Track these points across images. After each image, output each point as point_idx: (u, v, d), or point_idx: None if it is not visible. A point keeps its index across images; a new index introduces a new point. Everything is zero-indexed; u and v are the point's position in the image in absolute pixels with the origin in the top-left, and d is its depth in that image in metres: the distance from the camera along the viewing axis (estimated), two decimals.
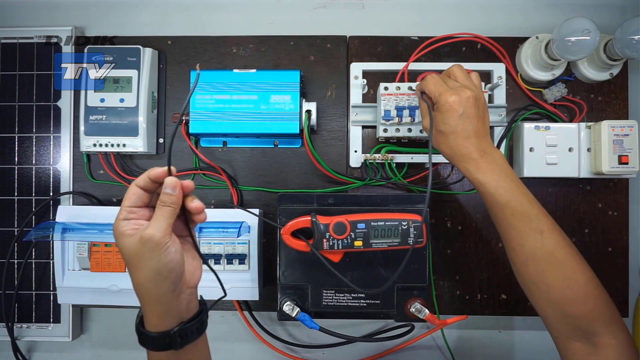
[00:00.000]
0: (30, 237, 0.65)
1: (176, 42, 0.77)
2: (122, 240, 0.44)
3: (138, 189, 0.45)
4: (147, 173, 0.45)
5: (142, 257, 0.43)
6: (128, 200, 0.45)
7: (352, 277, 0.63)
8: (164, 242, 0.43)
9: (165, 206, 0.44)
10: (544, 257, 0.52)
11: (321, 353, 0.78)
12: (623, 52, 0.66)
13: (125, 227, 0.44)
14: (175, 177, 0.46)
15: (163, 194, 0.45)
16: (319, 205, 0.63)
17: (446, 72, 0.60)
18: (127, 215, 0.45)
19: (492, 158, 0.54)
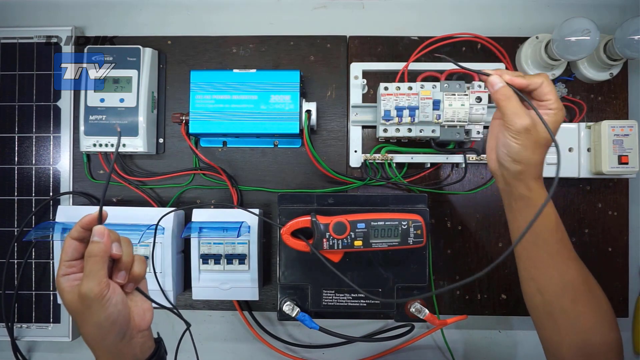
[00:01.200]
0: (30, 237, 0.65)
1: (176, 42, 0.77)
2: (63, 296, 0.44)
3: (73, 242, 0.45)
4: (79, 223, 0.45)
5: (83, 313, 0.43)
6: (65, 254, 0.45)
7: (352, 277, 0.63)
8: (101, 296, 0.42)
9: (91, 257, 0.43)
10: (580, 285, 0.51)
11: (321, 353, 0.78)
12: (623, 52, 0.66)
13: (65, 284, 0.44)
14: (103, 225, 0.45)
15: (90, 244, 0.44)
16: (319, 205, 0.63)
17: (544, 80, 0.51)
18: (65, 270, 0.44)
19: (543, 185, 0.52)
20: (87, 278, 0.43)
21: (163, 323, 0.71)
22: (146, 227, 0.66)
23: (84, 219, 0.45)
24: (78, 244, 0.45)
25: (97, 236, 0.44)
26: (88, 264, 0.43)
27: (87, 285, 0.42)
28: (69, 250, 0.45)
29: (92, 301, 0.42)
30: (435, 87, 0.68)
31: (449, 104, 0.67)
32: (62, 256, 0.45)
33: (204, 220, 0.69)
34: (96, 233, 0.44)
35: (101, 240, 0.44)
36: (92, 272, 0.43)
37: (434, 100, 0.67)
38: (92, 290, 0.42)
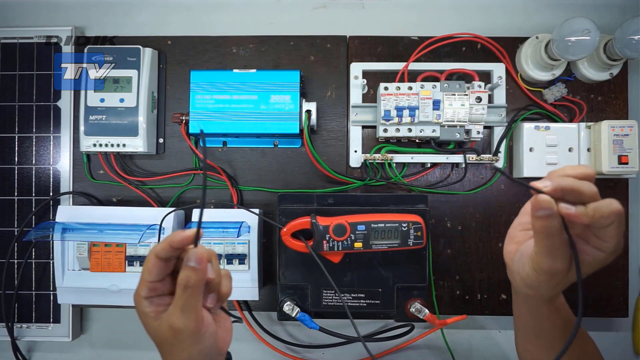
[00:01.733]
0: (30, 237, 0.65)
1: (176, 42, 0.77)
2: (147, 321, 0.39)
3: (159, 261, 0.39)
4: (169, 240, 0.38)
5: (172, 345, 0.39)
6: (149, 275, 0.39)
7: (352, 277, 0.63)
8: (198, 331, 0.38)
9: (189, 288, 0.37)
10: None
11: (321, 353, 0.78)
12: (623, 52, 0.66)
13: (148, 309, 0.39)
14: (202, 247, 0.38)
15: (186, 269, 0.37)
16: (319, 205, 0.63)
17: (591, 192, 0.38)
18: (148, 293, 0.39)
19: None
20: (183, 312, 0.37)
21: None
22: (146, 227, 0.66)
23: (175, 237, 0.38)
24: (164, 264, 0.39)
25: (195, 262, 0.37)
26: (185, 295, 0.37)
27: (182, 321, 0.37)
28: (153, 271, 0.39)
29: (186, 337, 0.38)
30: (435, 87, 0.68)
31: (449, 104, 0.67)
32: (145, 276, 0.39)
33: (204, 220, 0.69)
34: (194, 258, 0.37)
35: (199, 267, 0.37)
36: (189, 305, 0.37)
37: (434, 100, 0.67)
38: (189, 327, 0.37)
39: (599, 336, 0.77)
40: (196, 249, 0.38)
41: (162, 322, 0.38)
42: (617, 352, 0.77)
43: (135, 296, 0.40)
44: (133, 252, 0.69)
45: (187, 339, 0.38)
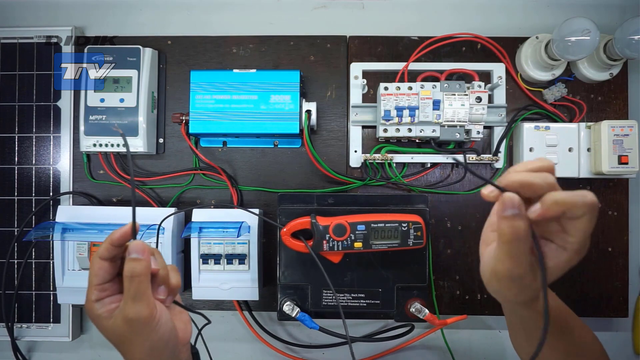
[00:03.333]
0: (30, 237, 0.65)
1: (176, 42, 0.77)
2: (101, 323, 0.40)
3: (104, 263, 0.40)
4: (109, 240, 0.40)
5: (132, 339, 0.39)
6: (96, 278, 0.40)
7: (352, 277, 0.63)
8: (152, 318, 0.39)
9: (135, 277, 0.38)
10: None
11: (321, 353, 0.78)
12: (623, 52, 0.66)
13: (100, 310, 0.40)
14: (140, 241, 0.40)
15: (129, 261, 0.39)
16: (319, 205, 0.63)
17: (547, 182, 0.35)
18: (98, 295, 0.40)
19: None
20: (134, 301, 0.38)
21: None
22: (146, 227, 0.66)
23: (114, 235, 0.40)
24: (109, 265, 0.40)
25: (138, 253, 0.39)
26: (133, 285, 0.38)
27: (135, 309, 0.38)
28: (100, 273, 0.40)
29: (142, 325, 0.38)
30: (435, 87, 0.68)
31: (449, 104, 0.67)
32: (92, 280, 0.40)
33: (204, 220, 0.69)
34: (135, 250, 0.39)
35: (142, 257, 0.39)
36: (139, 293, 0.38)
37: (434, 100, 0.67)
38: (142, 314, 0.38)
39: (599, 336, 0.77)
40: (135, 242, 0.40)
41: (116, 318, 0.39)
42: (617, 352, 0.77)
43: (87, 303, 0.40)
44: None
45: (143, 327, 0.39)
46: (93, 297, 0.40)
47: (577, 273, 0.74)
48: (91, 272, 0.40)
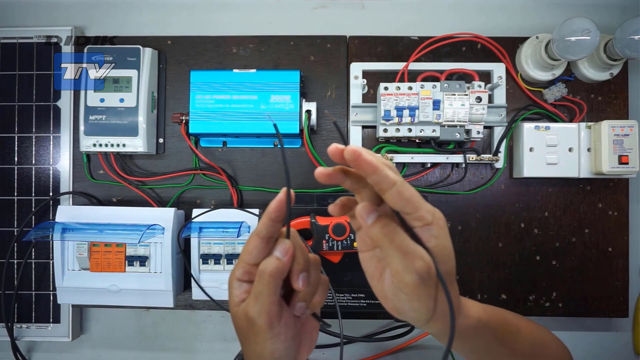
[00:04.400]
0: (30, 237, 0.65)
1: (176, 42, 0.77)
2: (230, 304, 0.38)
3: (260, 241, 0.36)
4: (266, 215, 0.35)
5: (247, 335, 0.37)
6: (248, 255, 0.36)
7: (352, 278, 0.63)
8: (269, 328, 0.35)
9: (263, 275, 0.35)
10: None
11: (321, 353, 0.77)
12: (623, 52, 0.66)
13: (237, 291, 0.37)
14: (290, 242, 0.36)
15: (269, 257, 0.36)
16: (319, 205, 0.63)
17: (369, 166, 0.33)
18: (242, 275, 0.37)
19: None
20: (254, 300, 0.36)
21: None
22: (146, 227, 0.66)
23: (270, 208, 0.35)
24: (264, 245, 0.36)
25: (280, 252, 0.35)
26: (260, 282, 0.35)
27: (255, 310, 0.35)
28: (253, 252, 0.36)
29: (259, 328, 0.36)
30: (435, 87, 0.68)
31: (449, 104, 0.67)
32: (244, 257, 0.37)
33: (204, 220, 0.69)
34: (280, 248, 0.36)
35: (282, 259, 0.35)
36: (261, 294, 0.35)
37: (434, 100, 0.67)
38: (260, 319, 0.35)
39: (599, 336, 0.77)
40: (286, 241, 0.36)
41: (240, 309, 0.37)
42: (617, 352, 0.77)
43: (230, 276, 0.38)
44: (133, 252, 0.69)
45: (259, 332, 0.36)
46: (237, 274, 0.37)
47: (577, 273, 0.74)
48: (245, 249, 0.37)
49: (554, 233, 0.74)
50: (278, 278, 0.35)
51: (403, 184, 0.32)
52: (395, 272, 0.34)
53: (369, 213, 0.35)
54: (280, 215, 0.36)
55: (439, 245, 0.34)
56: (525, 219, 0.74)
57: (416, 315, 0.37)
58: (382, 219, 0.34)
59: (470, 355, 0.45)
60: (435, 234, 0.34)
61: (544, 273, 0.74)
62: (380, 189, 0.33)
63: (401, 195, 0.32)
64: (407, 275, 0.33)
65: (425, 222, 0.33)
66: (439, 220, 0.34)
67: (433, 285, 0.34)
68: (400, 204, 0.33)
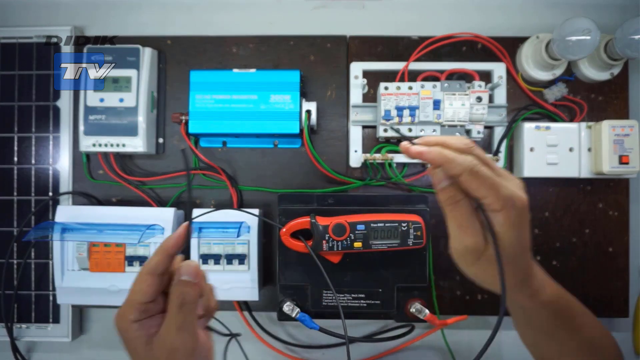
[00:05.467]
0: (30, 237, 0.65)
1: (176, 42, 0.76)
2: (137, 347, 0.36)
3: (155, 278, 0.35)
4: (162, 252, 0.36)
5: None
6: (142, 296, 0.35)
7: (352, 278, 0.63)
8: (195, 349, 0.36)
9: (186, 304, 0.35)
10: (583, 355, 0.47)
11: (321, 353, 0.77)
12: (624, 52, 0.66)
13: (138, 332, 0.35)
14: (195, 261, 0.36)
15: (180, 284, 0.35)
16: (319, 205, 0.63)
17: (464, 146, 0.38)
18: (139, 315, 0.35)
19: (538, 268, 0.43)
20: (180, 331, 0.35)
21: None
22: (146, 227, 0.66)
23: (168, 244, 0.36)
24: (159, 281, 0.36)
25: (191, 276, 0.35)
26: (181, 313, 0.35)
27: (180, 340, 0.35)
28: (149, 291, 0.35)
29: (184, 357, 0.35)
30: (435, 87, 0.68)
31: (449, 103, 0.67)
32: (137, 297, 0.35)
33: (204, 221, 0.69)
34: (188, 272, 0.35)
35: (195, 282, 0.35)
36: (187, 323, 0.35)
37: (434, 100, 0.67)
38: (187, 346, 0.35)
39: None
40: (189, 262, 0.36)
41: (156, 345, 0.35)
42: None
43: (121, 322, 0.36)
44: (133, 252, 0.69)
45: (188, 358, 0.35)
46: (132, 317, 0.36)
47: (577, 273, 0.74)
48: (135, 289, 0.36)
49: (555, 233, 0.74)
50: (197, 302, 0.35)
51: (471, 171, 0.35)
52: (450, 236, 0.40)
53: (439, 182, 0.38)
54: (177, 252, 0.36)
55: (500, 232, 0.36)
56: None
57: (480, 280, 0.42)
58: (448, 191, 0.38)
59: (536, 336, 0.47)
60: (500, 222, 0.36)
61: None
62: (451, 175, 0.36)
63: (469, 183, 0.36)
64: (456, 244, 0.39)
65: (491, 209, 0.36)
66: (509, 210, 0.36)
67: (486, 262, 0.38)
68: (470, 190, 0.36)
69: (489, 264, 0.38)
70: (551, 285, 0.44)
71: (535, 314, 0.43)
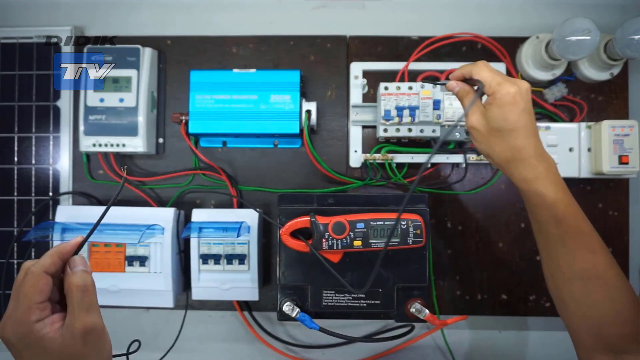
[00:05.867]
0: (30, 237, 0.65)
1: (176, 42, 0.77)
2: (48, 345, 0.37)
3: (49, 278, 0.38)
4: (57, 253, 0.39)
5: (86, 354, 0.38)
6: (39, 295, 0.37)
7: (352, 277, 0.63)
8: (104, 328, 0.40)
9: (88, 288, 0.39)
10: (593, 278, 0.49)
11: (321, 353, 0.77)
12: (623, 52, 0.66)
13: (45, 330, 0.37)
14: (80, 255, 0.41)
15: (80, 273, 0.39)
16: (319, 205, 0.63)
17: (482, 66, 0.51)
18: (40, 315, 0.37)
19: (549, 164, 0.49)
20: (90, 312, 0.38)
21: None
22: (146, 227, 0.66)
23: (64, 248, 0.40)
24: (51, 280, 0.38)
25: (83, 266, 0.40)
26: (86, 296, 0.38)
27: (92, 319, 0.38)
28: (45, 289, 0.37)
29: (98, 336, 0.39)
30: (435, 87, 0.68)
31: (449, 103, 0.67)
32: (33, 298, 0.37)
33: (204, 221, 0.69)
34: (81, 263, 0.40)
35: (89, 270, 0.40)
36: (93, 304, 0.39)
37: (434, 100, 0.67)
38: (98, 324, 0.39)
39: None
40: (78, 256, 0.40)
41: (68, 334, 0.37)
42: None
43: (21, 327, 0.36)
44: (133, 252, 0.69)
45: (99, 339, 0.39)
46: (34, 318, 0.37)
47: None
48: (30, 291, 0.37)
49: None
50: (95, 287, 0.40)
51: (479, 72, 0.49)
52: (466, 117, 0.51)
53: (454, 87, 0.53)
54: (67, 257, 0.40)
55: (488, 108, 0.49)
56: (526, 219, 0.74)
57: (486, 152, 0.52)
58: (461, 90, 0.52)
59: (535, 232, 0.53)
60: (489, 101, 0.49)
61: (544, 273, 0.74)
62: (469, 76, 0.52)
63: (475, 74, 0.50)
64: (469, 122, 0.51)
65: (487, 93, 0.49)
66: (495, 94, 0.47)
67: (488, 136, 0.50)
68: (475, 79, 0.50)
69: (490, 138, 0.49)
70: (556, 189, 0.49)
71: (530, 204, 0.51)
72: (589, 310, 0.49)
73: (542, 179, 0.49)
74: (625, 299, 0.49)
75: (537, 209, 0.50)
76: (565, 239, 0.49)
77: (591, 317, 0.49)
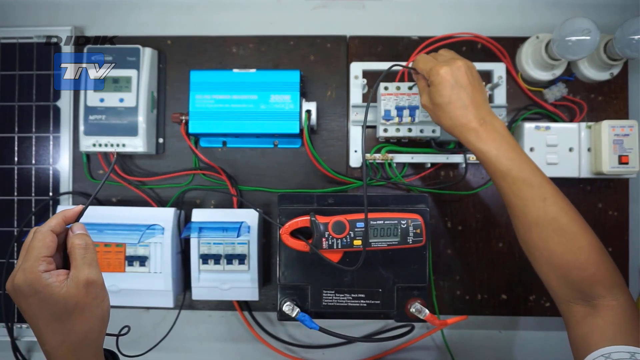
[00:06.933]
0: None
1: (176, 42, 0.77)
2: (52, 292, 0.41)
3: (55, 236, 0.44)
4: (61, 216, 0.45)
5: (88, 304, 0.43)
6: (46, 249, 0.42)
7: (351, 277, 0.63)
8: (104, 284, 0.44)
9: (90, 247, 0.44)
10: (546, 224, 0.52)
11: (321, 353, 0.77)
12: (623, 52, 0.66)
13: (52, 279, 0.41)
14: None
15: (82, 235, 0.45)
16: (319, 205, 0.63)
17: (434, 53, 0.60)
18: (47, 267, 0.42)
19: (492, 126, 0.54)
20: (92, 266, 0.43)
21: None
22: (146, 227, 0.66)
23: (67, 213, 0.46)
24: (56, 239, 0.44)
25: (83, 230, 0.46)
26: (88, 253, 0.44)
27: (94, 272, 0.43)
28: (51, 245, 0.43)
29: (99, 289, 0.44)
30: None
31: None
32: (41, 251, 0.42)
33: (204, 221, 0.69)
34: (82, 228, 0.46)
35: (88, 234, 0.46)
36: (94, 260, 0.44)
37: None
38: (100, 278, 0.44)
39: None
40: (78, 223, 0.46)
41: (72, 284, 0.42)
42: None
43: (30, 275, 0.41)
44: (133, 252, 0.69)
45: (100, 291, 0.44)
46: (42, 268, 0.41)
47: None
48: (38, 245, 0.42)
49: None
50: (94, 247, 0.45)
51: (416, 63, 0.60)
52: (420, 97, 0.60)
53: (417, 80, 0.62)
54: (71, 222, 0.46)
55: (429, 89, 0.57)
56: None
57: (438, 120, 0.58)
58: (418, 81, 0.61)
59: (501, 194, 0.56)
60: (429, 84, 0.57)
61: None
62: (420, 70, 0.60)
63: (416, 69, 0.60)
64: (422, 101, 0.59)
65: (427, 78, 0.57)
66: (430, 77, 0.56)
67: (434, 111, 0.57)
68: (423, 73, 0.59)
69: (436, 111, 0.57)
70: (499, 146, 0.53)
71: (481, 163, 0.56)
72: (550, 256, 0.52)
73: (484, 139, 0.54)
74: (582, 242, 0.51)
75: (485, 166, 0.55)
76: (514, 190, 0.53)
77: (554, 263, 0.52)
